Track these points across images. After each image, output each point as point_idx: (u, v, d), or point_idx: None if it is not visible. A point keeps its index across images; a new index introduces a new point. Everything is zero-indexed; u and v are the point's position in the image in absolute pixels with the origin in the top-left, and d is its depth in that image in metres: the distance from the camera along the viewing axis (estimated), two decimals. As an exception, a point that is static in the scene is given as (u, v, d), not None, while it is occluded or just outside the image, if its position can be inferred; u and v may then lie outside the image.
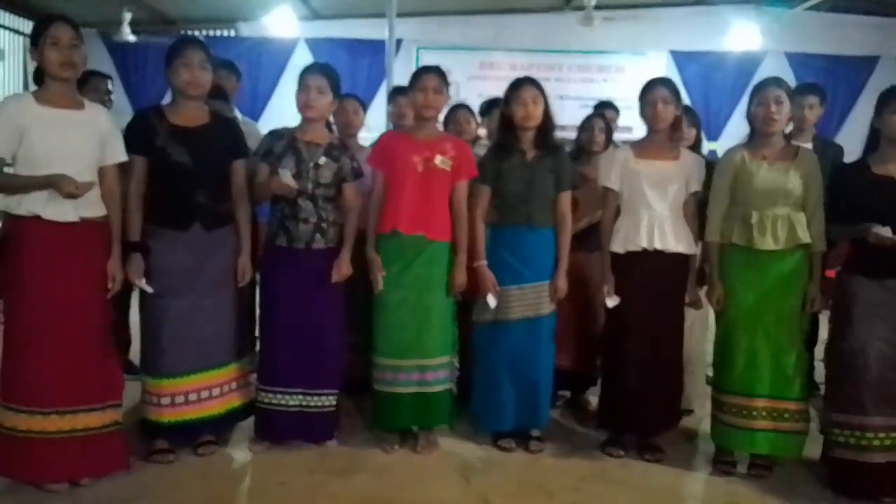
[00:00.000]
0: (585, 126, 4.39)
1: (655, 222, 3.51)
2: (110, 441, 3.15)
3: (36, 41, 2.99)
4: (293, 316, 3.48)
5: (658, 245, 3.49)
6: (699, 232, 3.59)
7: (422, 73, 3.62)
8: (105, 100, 4.26)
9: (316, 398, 3.55)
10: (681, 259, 3.55)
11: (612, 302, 3.55)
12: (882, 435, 3.21)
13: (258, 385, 3.58)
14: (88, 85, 4.14)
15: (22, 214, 2.93)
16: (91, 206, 3.05)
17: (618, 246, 3.57)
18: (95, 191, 3.07)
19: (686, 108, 4.39)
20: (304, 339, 3.49)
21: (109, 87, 4.43)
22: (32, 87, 3.19)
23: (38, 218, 2.93)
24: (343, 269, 3.51)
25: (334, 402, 3.61)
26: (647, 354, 3.52)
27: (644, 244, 3.50)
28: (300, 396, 3.53)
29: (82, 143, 3.02)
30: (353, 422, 3.89)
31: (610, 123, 4.54)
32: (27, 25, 8.76)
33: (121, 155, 3.17)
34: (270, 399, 3.53)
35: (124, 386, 3.26)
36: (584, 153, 4.35)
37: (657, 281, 3.52)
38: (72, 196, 2.90)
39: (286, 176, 3.34)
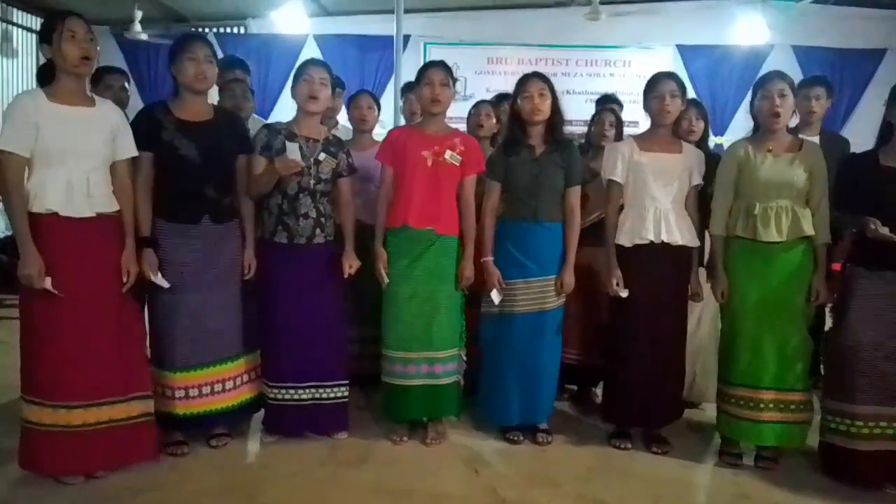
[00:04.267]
0: (596, 121, 4.38)
1: (661, 215, 3.52)
2: (137, 432, 3.17)
3: (48, 37, 2.98)
4: (301, 311, 3.51)
5: (665, 238, 3.50)
6: (701, 225, 3.61)
7: (428, 67, 3.64)
8: (121, 97, 4.16)
9: (329, 390, 3.60)
10: (685, 252, 3.56)
11: (623, 293, 3.54)
12: (871, 424, 3.25)
13: (265, 382, 3.62)
14: (102, 82, 4.12)
15: (38, 211, 2.95)
16: (106, 201, 3.08)
17: (624, 239, 3.57)
18: (109, 185, 3.10)
19: (694, 100, 4.35)
20: (313, 333, 3.53)
21: (125, 84, 4.38)
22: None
23: (55, 214, 2.95)
24: (353, 262, 3.54)
25: (346, 393, 3.66)
26: (652, 348, 3.54)
27: (651, 237, 3.51)
28: (312, 390, 3.58)
29: (94, 140, 3.03)
30: (364, 414, 3.94)
31: (620, 117, 4.51)
32: (39, 23, 8.77)
33: (132, 150, 3.20)
34: (282, 395, 3.57)
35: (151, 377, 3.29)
36: (593, 148, 4.32)
37: (663, 274, 3.53)
38: None
39: (294, 152, 3.34)
